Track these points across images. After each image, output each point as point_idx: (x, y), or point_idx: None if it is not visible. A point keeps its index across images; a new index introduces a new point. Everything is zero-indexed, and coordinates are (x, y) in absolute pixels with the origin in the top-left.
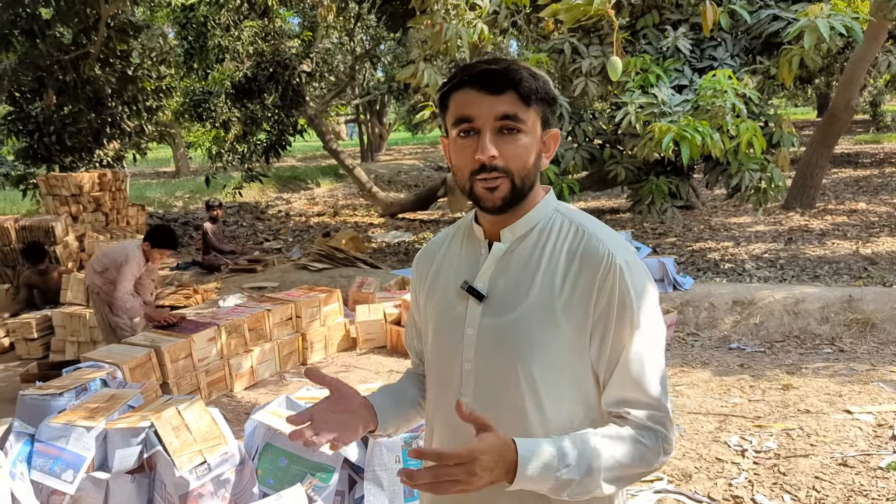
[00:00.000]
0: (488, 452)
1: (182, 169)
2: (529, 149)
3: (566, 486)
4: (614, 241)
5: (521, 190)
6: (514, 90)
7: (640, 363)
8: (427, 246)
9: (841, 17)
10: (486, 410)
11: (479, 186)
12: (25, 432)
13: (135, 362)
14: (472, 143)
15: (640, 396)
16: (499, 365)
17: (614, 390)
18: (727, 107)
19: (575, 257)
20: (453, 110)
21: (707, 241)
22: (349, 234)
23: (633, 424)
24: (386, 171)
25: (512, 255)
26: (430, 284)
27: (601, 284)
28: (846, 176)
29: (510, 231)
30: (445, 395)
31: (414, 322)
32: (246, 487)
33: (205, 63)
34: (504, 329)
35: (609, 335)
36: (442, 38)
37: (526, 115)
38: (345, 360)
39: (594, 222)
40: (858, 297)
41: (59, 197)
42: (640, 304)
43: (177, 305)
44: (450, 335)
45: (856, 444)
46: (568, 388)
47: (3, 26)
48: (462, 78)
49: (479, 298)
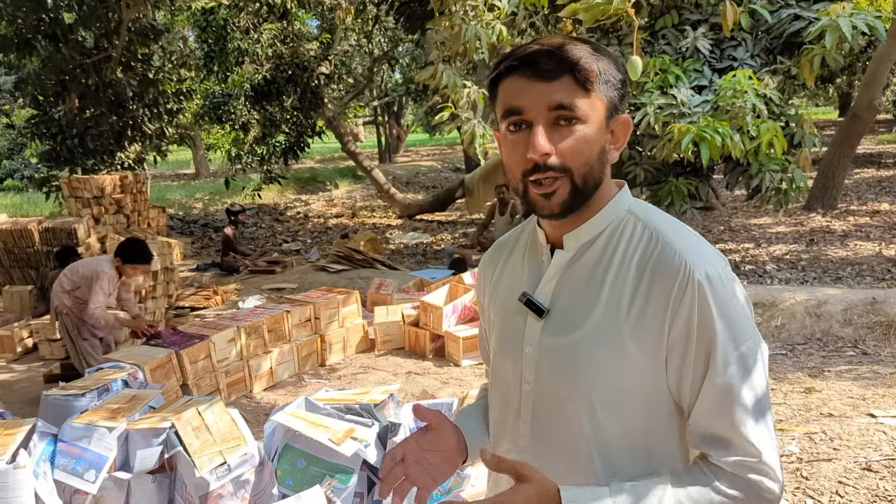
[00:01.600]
0: (527, 502)
1: (202, 171)
2: (592, 142)
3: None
4: (695, 251)
5: (583, 191)
6: (571, 74)
7: (728, 397)
8: (494, 246)
9: (863, 15)
10: (544, 437)
11: (533, 192)
12: (49, 432)
13: (155, 363)
14: (523, 138)
15: (729, 435)
16: (558, 389)
17: (697, 426)
18: (747, 107)
19: (646, 270)
20: (502, 101)
21: (727, 243)
22: (367, 235)
23: (716, 471)
24: (404, 172)
25: (576, 264)
26: (493, 290)
27: (676, 303)
28: (868, 176)
29: (573, 237)
30: (507, 416)
31: (484, 329)
32: (265, 488)
33: (224, 66)
34: (565, 350)
35: (688, 362)
36: (460, 39)
37: (586, 102)
38: (363, 361)
39: (674, 226)
40: (882, 299)
41: (81, 199)
42: (728, 325)
43: (197, 307)
44: (510, 353)
45: (880, 449)
46: (636, 420)
47: (26, 31)
48: (511, 62)
49: (538, 314)
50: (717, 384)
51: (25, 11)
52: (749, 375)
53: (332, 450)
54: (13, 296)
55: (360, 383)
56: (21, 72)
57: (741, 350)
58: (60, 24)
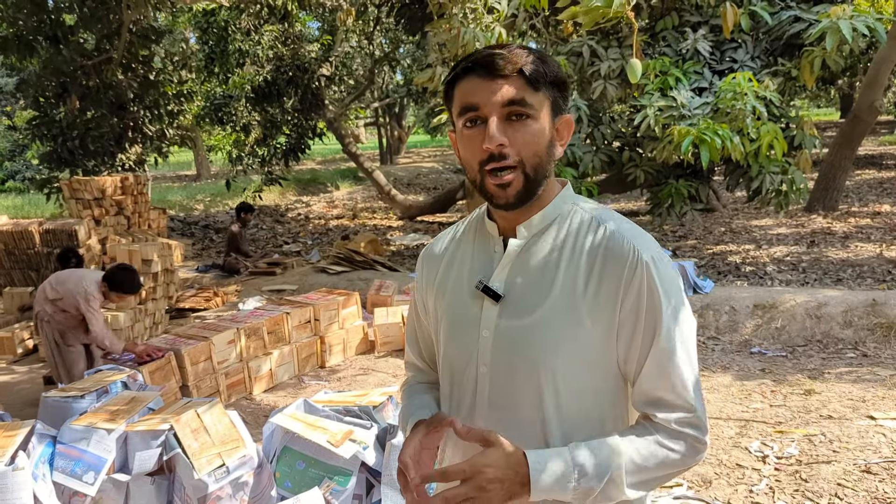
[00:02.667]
0: (493, 465)
1: (203, 172)
2: (541, 135)
3: (587, 494)
4: (639, 236)
5: (534, 181)
6: (521, 74)
7: (670, 362)
8: (432, 244)
9: (864, 17)
10: (503, 417)
11: (490, 183)
12: (48, 434)
13: (155, 365)
14: (479, 132)
15: (669, 397)
16: (518, 368)
17: (642, 390)
18: (747, 109)
19: (598, 255)
20: (458, 99)
21: (728, 244)
22: (368, 236)
23: (660, 428)
24: (405, 173)
25: (529, 252)
26: (439, 285)
27: (628, 283)
28: (870, 178)
29: (526, 227)
30: (462, 404)
31: (419, 325)
32: (264, 490)
33: (225, 67)
34: (523, 332)
35: (637, 334)
36: (459, 41)
37: (535, 99)
38: (363, 363)
39: (615, 216)
40: (882, 300)
41: (82, 200)
42: (669, 300)
43: (197, 308)
44: (464, 338)
45: (879, 451)
46: (592, 392)
47: (27, 32)
48: (465, 65)
49: (495, 299)
50: (661, 350)
51: (26, 13)
52: (685, 343)
53: (331, 452)
54: (14, 297)
55: (360, 385)
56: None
57: (679, 321)
58: (61, 26)
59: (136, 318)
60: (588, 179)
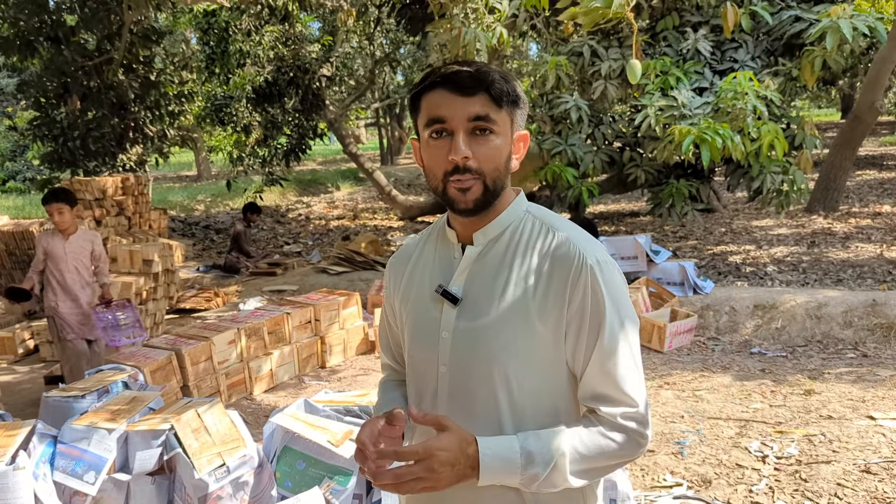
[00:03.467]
0: (446, 448)
1: (204, 173)
2: (502, 150)
3: (533, 479)
4: (585, 241)
5: (493, 191)
6: (486, 91)
7: (614, 360)
8: (400, 250)
9: (864, 17)
10: (460, 412)
11: (452, 188)
12: (48, 434)
13: (156, 365)
14: (444, 144)
15: (613, 393)
16: (474, 368)
17: (588, 387)
18: (748, 109)
19: (546, 259)
20: (425, 111)
21: (728, 245)
22: (368, 237)
23: (604, 421)
24: (405, 174)
25: (485, 258)
26: (405, 289)
27: (573, 284)
28: (870, 178)
29: (482, 234)
30: (423, 400)
31: (390, 329)
32: (264, 490)
33: (226, 68)
34: (479, 332)
35: (583, 333)
36: (460, 42)
37: (498, 116)
38: (363, 363)
39: (564, 223)
40: (882, 301)
41: (82, 201)
42: (613, 301)
43: (198, 308)
44: (425, 340)
45: (879, 451)
46: (544, 387)
47: (28, 33)
48: (434, 79)
49: (453, 302)
50: (605, 349)
51: (27, 14)
52: (629, 342)
53: (331, 452)
54: None
55: (361, 385)
56: (23, 74)
57: (623, 321)
58: (62, 27)
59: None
60: (589, 179)
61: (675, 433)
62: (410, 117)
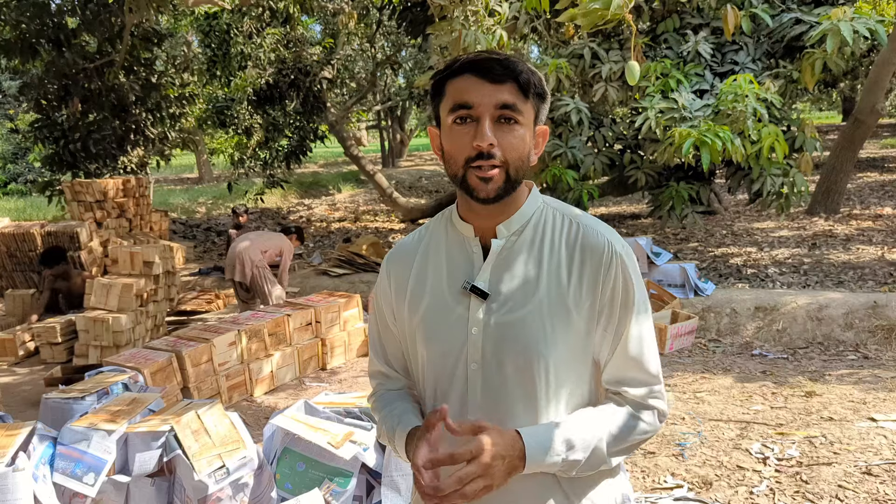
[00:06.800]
0: (494, 442)
1: (205, 175)
2: (525, 141)
3: (574, 465)
4: (609, 232)
5: (514, 182)
6: (515, 81)
7: (640, 344)
8: (397, 249)
9: (865, 20)
10: (495, 408)
11: (473, 176)
12: (48, 435)
13: (156, 366)
14: (468, 129)
15: (639, 375)
16: (510, 362)
17: (615, 370)
18: (748, 111)
19: (576, 248)
20: (451, 96)
21: (729, 247)
22: (370, 239)
23: (632, 402)
24: (407, 176)
25: (511, 250)
26: (414, 288)
27: (606, 273)
28: (871, 180)
29: (506, 226)
30: (448, 402)
31: (386, 334)
32: (264, 492)
33: (227, 70)
34: (516, 325)
35: (614, 320)
36: (461, 44)
37: (524, 107)
38: (364, 365)
39: (583, 214)
40: (884, 303)
41: (83, 203)
42: (638, 288)
43: (198, 310)
44: (449, 339)
45: (880, 453)
46: (576, 376)
47: (30, 36)
48: (462, 64)
49: (483, 297)
50: (632, 334)
51: (29, 16)
52: (650, 324)
53: (332, 453)
54: (15, 299)
55: (362, 387)
56: (25, 76)
57: (646, 305)
58: (64, 29)
59: (138, 320)
60: (589, 182)
61: (675, 435)
62: (431, 103)
